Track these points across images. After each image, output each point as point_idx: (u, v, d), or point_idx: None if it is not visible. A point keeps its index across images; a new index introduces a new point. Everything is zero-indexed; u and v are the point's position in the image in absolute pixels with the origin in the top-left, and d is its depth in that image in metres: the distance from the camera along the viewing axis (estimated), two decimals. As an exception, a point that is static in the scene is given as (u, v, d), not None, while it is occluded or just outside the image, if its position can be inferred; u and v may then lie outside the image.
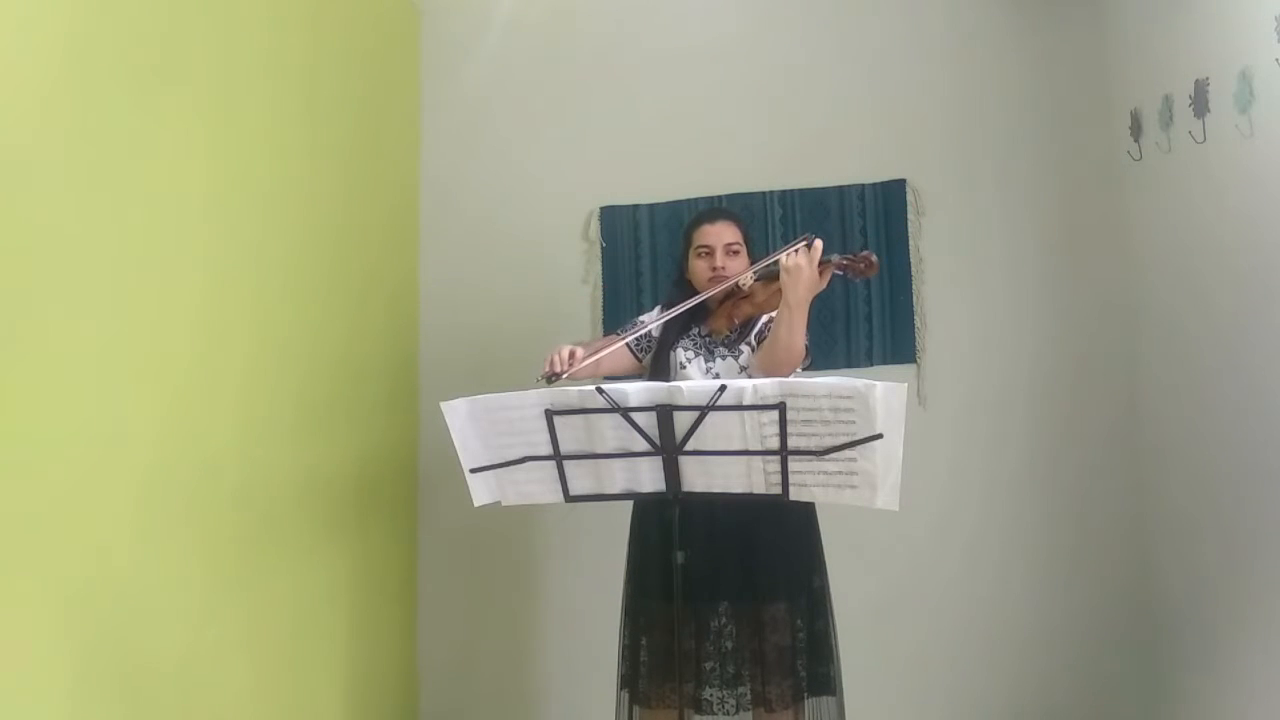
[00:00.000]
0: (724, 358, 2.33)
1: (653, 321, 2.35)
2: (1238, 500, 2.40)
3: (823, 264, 2.11)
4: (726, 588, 2.21)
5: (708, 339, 2.35)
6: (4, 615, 1.57)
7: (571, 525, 3.15)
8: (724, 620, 2.21)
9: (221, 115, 2.23)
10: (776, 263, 2.15)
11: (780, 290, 2.13)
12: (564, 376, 2.03)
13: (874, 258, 2.15)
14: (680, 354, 2.33)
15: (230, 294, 2.25)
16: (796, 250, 2.10)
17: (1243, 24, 2.27)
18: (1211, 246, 2.50)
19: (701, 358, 2.33)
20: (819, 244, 2.10)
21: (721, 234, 2.33)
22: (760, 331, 2.33)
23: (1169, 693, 2.81)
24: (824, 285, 2.13)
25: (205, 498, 2.12)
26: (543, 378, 2.02)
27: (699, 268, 2.34)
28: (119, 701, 1.85)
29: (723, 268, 2.30)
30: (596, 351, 2.18)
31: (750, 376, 2.20)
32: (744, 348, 2.33)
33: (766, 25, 3.31)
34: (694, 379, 2.27)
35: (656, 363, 2.34)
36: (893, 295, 3.14)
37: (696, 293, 2.30)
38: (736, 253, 2.33)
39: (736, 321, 2.29)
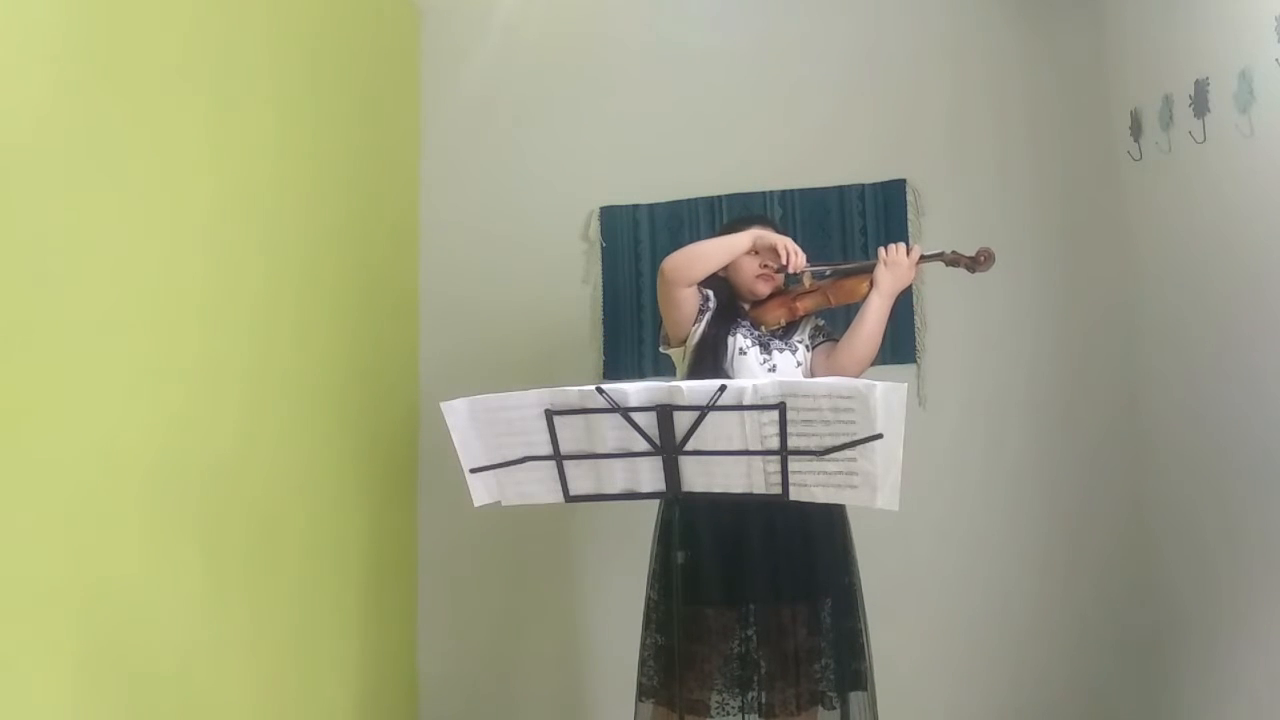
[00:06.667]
0: (780, 350, 2.32)
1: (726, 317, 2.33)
2: (1237, 499, 2.41)
3: (928, 258, 2.26)
4: (757, 588, 2.21)
5: (758, 332, 2.34)
6: (10, 616, 1.57)
7: (572, 526, 3.15)
8: (753, 620, 2.20)
9: (222, 116, 2.23)
10: (839, 267, 2.33)
11: (848, 289, 2.26)
12: (791, 273, 2.24)
13: (991, 250, 2.24)
14: (740, 339, 2.31)
15: (233, 294, 2.26)
16: (897, 246, 2.24)
17: (1243, 24, 2.27)
18: (1211, 246, 2.50)
19: (758, 348, 2.31)
20: (918, 247, 2.27)
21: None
22: (813, 334, 2.37)
23: (1169, 690, 2.81)
24: (912, 279, 2.27)
25: (209, 500, 2.13)
26: (778, 270, 2.25)
27: (745, 262, 2.32)
28: (123, 702, 1.85)
29: (769, 266, 2.30)
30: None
31: (816, 374, 2.29)
32: (799, 344, 2.34)
33: (766, 25, 3.30)
34: (752, 367, 2.27)
35: (710, 343, 2.30)
36: (893, 295, 3.14)
37: (734, 288, 2.35)
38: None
39: (798, 314, 2.32)
